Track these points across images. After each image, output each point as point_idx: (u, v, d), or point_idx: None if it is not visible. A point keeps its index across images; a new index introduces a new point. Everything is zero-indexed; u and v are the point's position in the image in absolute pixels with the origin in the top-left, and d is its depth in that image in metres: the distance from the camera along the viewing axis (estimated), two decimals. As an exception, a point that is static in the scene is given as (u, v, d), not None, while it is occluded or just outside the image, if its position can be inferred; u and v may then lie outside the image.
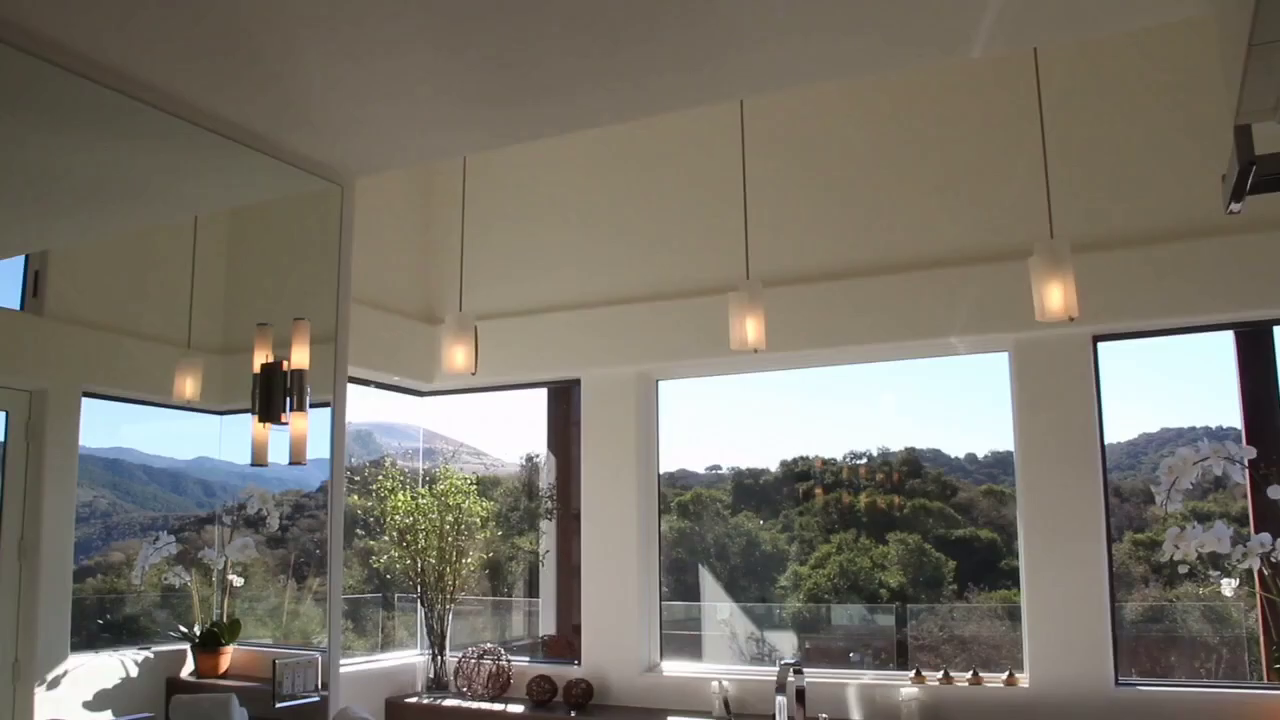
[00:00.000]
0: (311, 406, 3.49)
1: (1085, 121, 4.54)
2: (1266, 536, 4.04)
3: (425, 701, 5.39)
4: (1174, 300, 4.35)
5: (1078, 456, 4.46)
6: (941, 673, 4.65)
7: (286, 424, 3.43)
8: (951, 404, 5.44)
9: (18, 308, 2.82)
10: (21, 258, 2.83)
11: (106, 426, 3.12)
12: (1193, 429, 4.70)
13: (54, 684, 2.85)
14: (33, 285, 2.83)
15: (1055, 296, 3.63)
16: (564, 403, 5.95)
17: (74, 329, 3.01)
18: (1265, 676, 4.28)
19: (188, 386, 3.33)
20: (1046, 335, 4.50)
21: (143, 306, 3.28)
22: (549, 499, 5.92)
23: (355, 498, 5.62)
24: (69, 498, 2.94)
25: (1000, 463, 5.35)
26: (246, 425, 3.39)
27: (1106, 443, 4.51)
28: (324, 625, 3.67)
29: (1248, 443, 4.27)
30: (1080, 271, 3.68)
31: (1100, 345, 4.54)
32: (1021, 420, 4.61)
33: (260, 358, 3.41)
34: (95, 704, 2.98)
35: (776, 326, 4.38)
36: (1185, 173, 4.38)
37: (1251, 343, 4.42)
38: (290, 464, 3.48)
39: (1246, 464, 4.18)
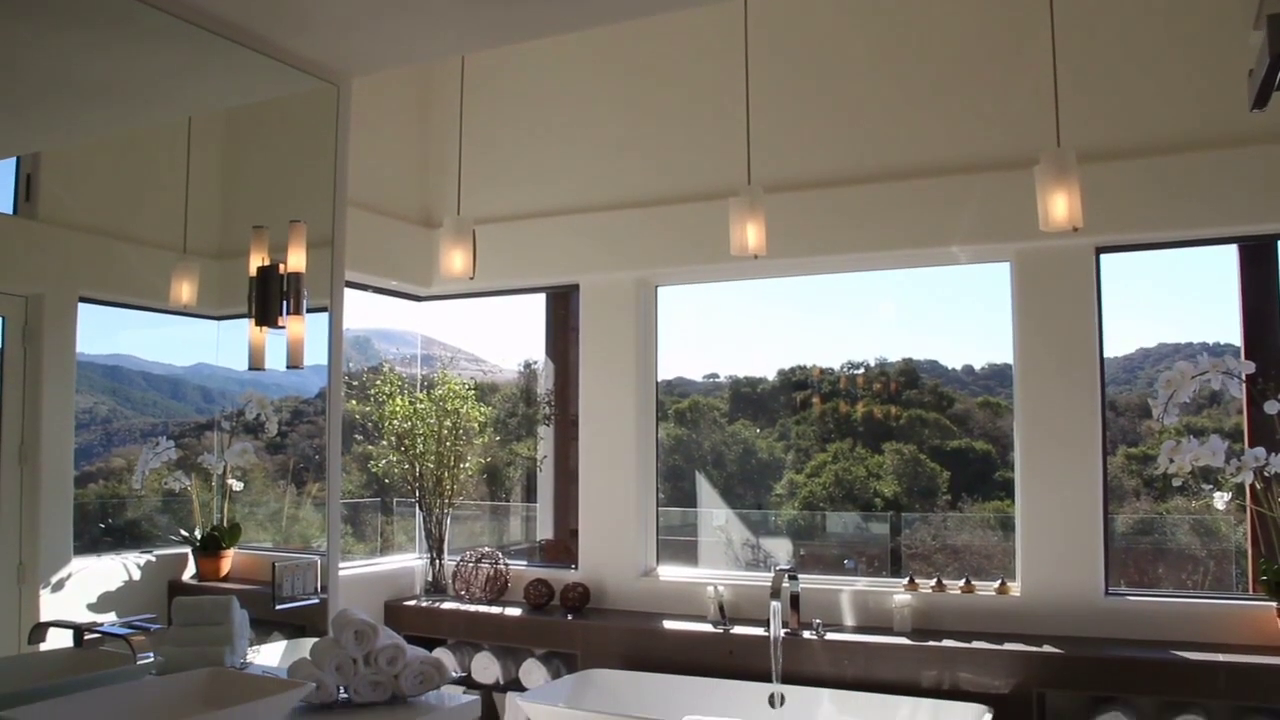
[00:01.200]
0: (309, 311, 3.48)
1: (1094, 29, 4.46)
2: (1261, 451, 4.07)
3: (424, 604, 5.48)
4: (1179, 212, 4.32)
5: (1076, 369, 4.47)
6: (934, 580, 4.73)
7: (283, 328, 3.42)
8: (950, 315, 5.44)
9: (10, 212, 2.79)
10: (13, 160, 2.79)
11: (104, 332, 3.11)
12: (1190, 344, 4.71)
13: (58, 586, 2.89)
14: (25, 189, 2.80)
15: (1059, 206, 3.61)
16: (563, 308, 5.95)
17: (68, 233, 2.98)
18: (1251, 588, 4.35)
19: (184, 291, 3.31)
20: (1049, 246, 4.48)
21: (137, 211, 3.24)
22: (547, 404, 5.95)
23: (353, 403, 5.64)
24: (68, 403, 2.94)
25: (997, 375, 5.37)
26: (244, 330, 3.38)
27: (1104, 357, 4.52)
28: (323, 530, 3.71)
29: (1246, 357, 4.29)
30: (1085, 182, 3.65)
31: (1103, 257, 4.53)
32: (1021, 331, 4.62)
33: (256, 261, 3.38)
34: (99, 605, 3.03)
35: (777, 233, 4.36)
36: (1195, 83, 4.33)
37: (1255, 256, 4.41)
38: (288, 368, 3.48)
39: (1244, 378, 4.20)
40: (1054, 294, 4.54)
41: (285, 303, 3.41)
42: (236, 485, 3.55)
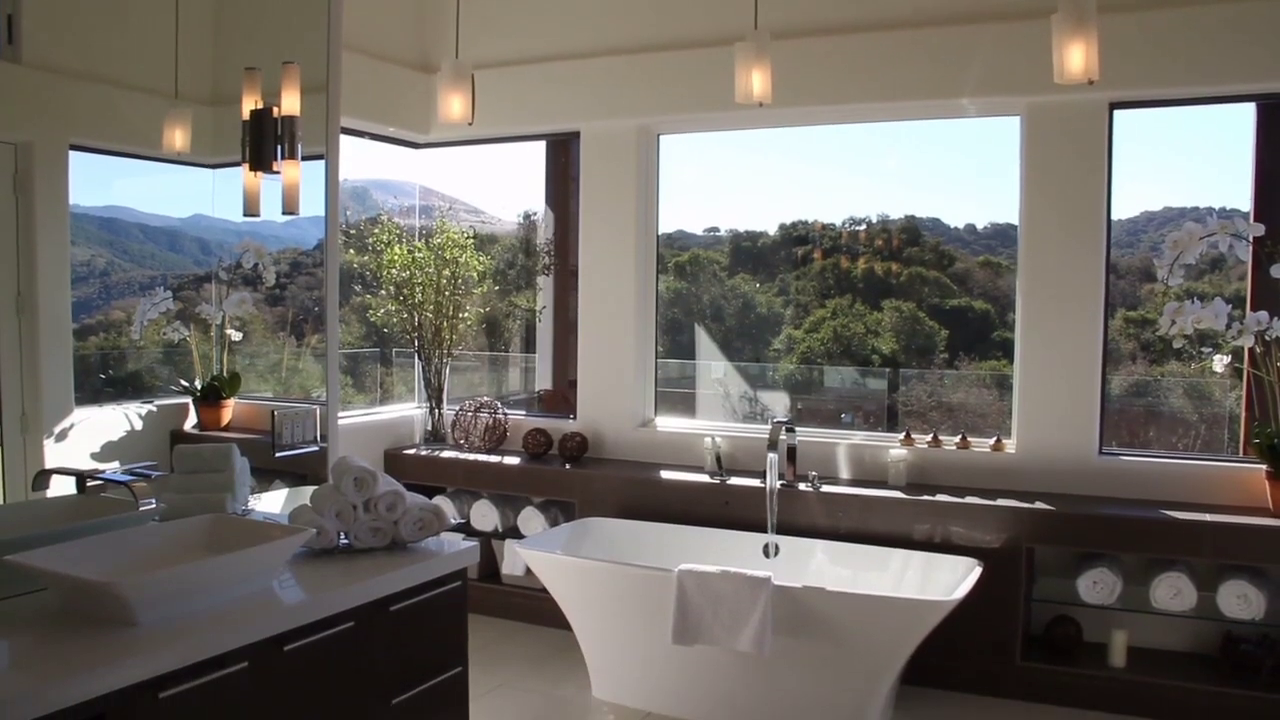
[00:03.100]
0: (305, 159, 3.43)
1: None
2: (1264, 314, 4.08)
3: (423, 453, 5.57)
4: (1198, 67, 4.22)
5: (1082, 228, 4.44)
6: (930, 436, 4.78)
7: (278, 173, 3.38)
8: (955, 173, 5.37)
9: (-8, 55, 2.71)
10: (-9, -1, 2.70)
11: (98, 183, 3.06)
12: (1196, 209, 4.66)
13: (61, 436, 2.91)
14: (6, 30, 2.71)
15: (1076, 57, 3.50)
16: (563, 156, 5.87)
17: (55, 78, 2.90)
18: (1242, 451, 4.42)
19: (177, 138, 3.24)
20: (1062, 100, 4.39)
21: (126, 55, 3.15)
22: (546, 255, 5.92)
23: (352, 253, 5.61)
24: (63, 253, 2.92)
25: (999, 234, 5.33)
26: (239, 180, 3.34)
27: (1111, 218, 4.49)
28: (323, 380, 3.73)
29: (1256, 220, 4.25)
30: (1102, 33, 3.54)
31: (1116, 114, 4.44)
32: (1028, 188, 4.56)
33: (249, 104, 3.31)
34: (102, 455, 3.06)
35: (783, 81, 4.28)
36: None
37: (1273, 115, 4.33)
38: (284, 214, 3.45)
39: (1252, 240, 4.17)
40: (1064, 150, 4.48)
41: (279, 147, 3.36)
42: (235, 335, 3.56)
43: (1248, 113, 4.36)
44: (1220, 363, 4.26)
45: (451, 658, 3.17)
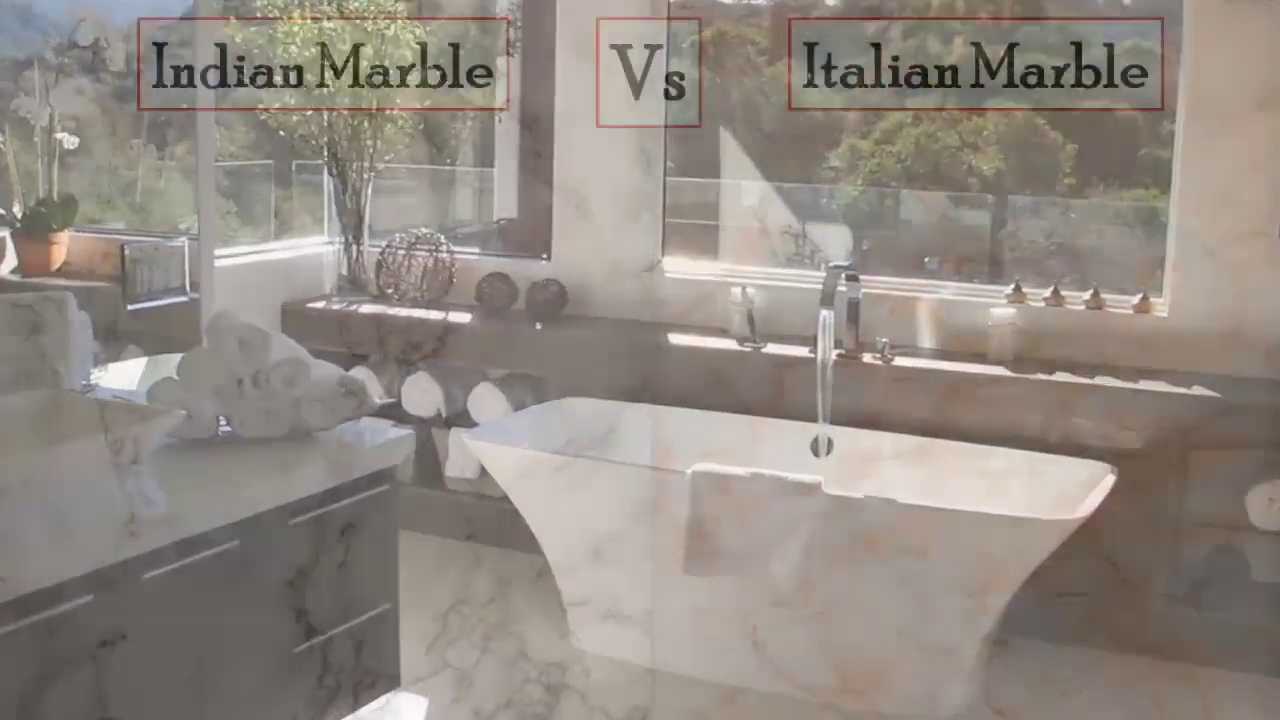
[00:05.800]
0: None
1: None
2: None
3: (335, 307, 5.56)
4: None
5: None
6: (1050, 290, 4.76)
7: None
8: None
9: None
10: None
11: None
12: None
13: None
14: None
15: None
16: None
17: None
18: None
19: None
20: None
21: None
22: (511, 27, 5.83)
23: (234, 24, 5.48)
24: None
25: (1155, 5, 5.20)
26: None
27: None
28: (193, 207, 3.71)
29: None
30: None
31: None
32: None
33: None
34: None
35: None
36: None
37: None
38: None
39: None
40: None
41: None
42: (69, 142, 3.52)
43: None
44: None
45: (376, 591, 3.22)
